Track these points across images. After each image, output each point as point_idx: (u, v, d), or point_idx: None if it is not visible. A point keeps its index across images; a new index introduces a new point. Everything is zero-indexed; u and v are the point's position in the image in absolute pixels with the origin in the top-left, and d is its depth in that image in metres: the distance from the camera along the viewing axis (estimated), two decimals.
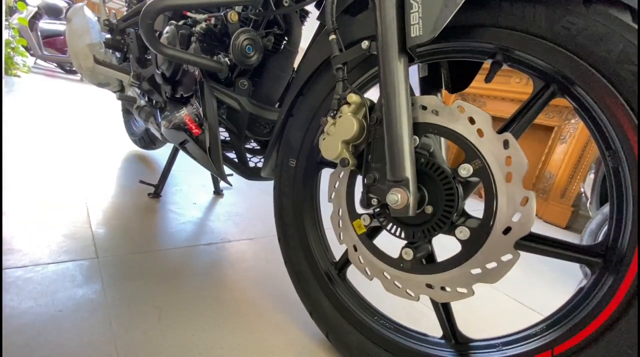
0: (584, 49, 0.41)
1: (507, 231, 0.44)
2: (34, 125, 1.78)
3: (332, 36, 0.58)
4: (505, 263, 0.44)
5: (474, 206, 0.81)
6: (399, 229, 0.54)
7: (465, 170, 0.47)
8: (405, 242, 0.55)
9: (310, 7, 0.81)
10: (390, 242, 0.63)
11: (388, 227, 0.55)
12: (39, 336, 0.54)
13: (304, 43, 0.75)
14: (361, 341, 0.61)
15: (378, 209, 0.55)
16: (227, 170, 0.87)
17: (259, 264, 0.94)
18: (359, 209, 0.59)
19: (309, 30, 0.78)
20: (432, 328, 0.62)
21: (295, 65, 0.80)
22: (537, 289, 1.22)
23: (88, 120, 2.28)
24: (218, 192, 1.41)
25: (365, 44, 0.54)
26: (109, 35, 1.32)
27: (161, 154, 1.80)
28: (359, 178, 0.58)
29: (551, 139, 2.92)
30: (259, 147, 1.02)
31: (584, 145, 2.76)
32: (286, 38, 0.83)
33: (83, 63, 1.23)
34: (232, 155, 0.92)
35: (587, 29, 0.41)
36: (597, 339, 0.41)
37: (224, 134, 0.90)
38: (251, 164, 0.95)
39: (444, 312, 0.56)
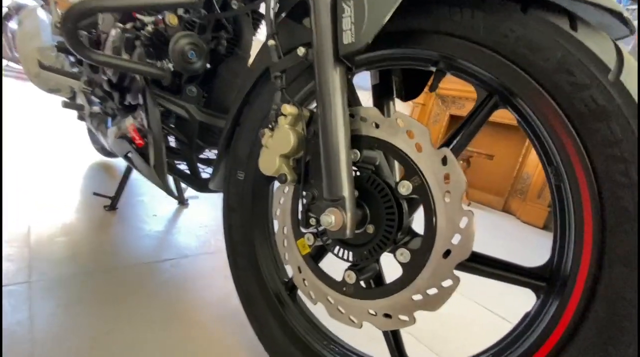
0: (523, 57, 0.38)
1: (447, 254, 0.41)
2: None
3: (271, 41, 0.54)
4: (446, 289, 0.41)
5: None
6: (341, 249, 0.50)
7: (405, 187, 0.44)
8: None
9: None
10: (340, 263, 0.59)
11: (331, 248, 0.51)
12: None
13: None
14: None
15: (321, 232, 0.51)
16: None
17: (215, 281, 0.89)
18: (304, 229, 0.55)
19: None
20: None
21: None
22: (507, 295, 1.20)
23: (55, 126, 2.17)
24: (183, 202, 1.35)
25: (301, 50, 0.50)
26: (61, 39, 1.24)
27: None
28: None
29: (528, 140, 2.96)
30: (214, 157, 0.96)
31: None
32: (237, 42, 0.79)
33: (31, 68, 1.15)
34: (184, 166, 0.86)
35: (525, 37, 0.38)
36: None
37: (174, 145, 0.84)
38: (205, 175, 0.90)
39: (393, 339, 0.52)
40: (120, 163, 1.71)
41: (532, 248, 1.96)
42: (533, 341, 0.39)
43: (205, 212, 1.34)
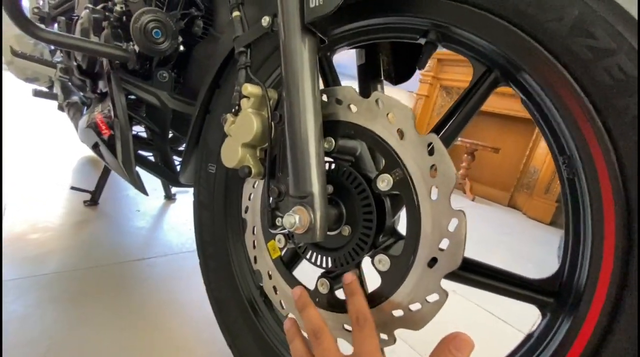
0: (530, 19, 0.31)
1: (433, 262, 0.33)
2: None
3: (236, 12, 0.47)
4: (431, 305, 0.34)
5: None
6: (314, 254, 0.43)
7: (385, 182, 0.36)
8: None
9: None
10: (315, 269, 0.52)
11: (303, 252, 0.44)
12: None
13: None
14: None
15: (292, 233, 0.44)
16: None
17: (193, 282, 0.83)
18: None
19: None
20: None
21: None
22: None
23: (49, 118, 2.12)
24: (170, 197, 1.29)
25: (265, 19, 0.43)
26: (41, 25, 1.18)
27: None
28: None
29: (535, 133, 2.84)
30: None
31: None
32: (211, 21, 0.71)
33: (5, 55, 1.09)
34: (157, 158, 0.80)
35: None
36: None
37: (143, 135, 0.78)
38: None
39: None
40: None
41: (539, 245, 1.87)
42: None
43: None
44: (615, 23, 0.27)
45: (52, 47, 1.24)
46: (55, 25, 1.15)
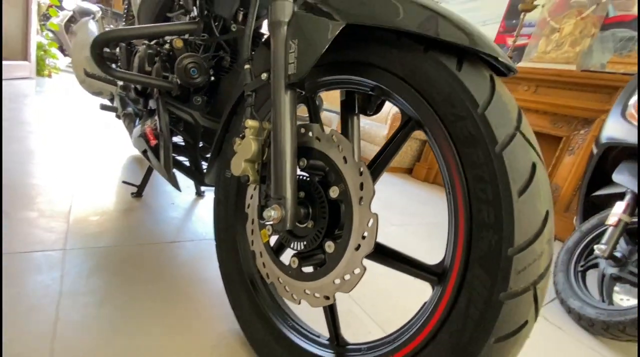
0: (424, 90, 0.47)
1: (358, 247, 0.50)
2: (48, 123, 1.97)
3: (247, 65, 0.65)
4: (356, 275, 0.50)
5: None
6: (289, 239, 0.61)
7: (334, 192, 0.54)
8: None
9: (265, 29, 0.89)
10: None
11: (282, 238, 0.62)
12: None
13: None
14: (265, 336, 0.69)
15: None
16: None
17: (212, 263, 1.03)
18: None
19: None
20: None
21: None
22: None
23: (102, 120, 2.47)
24: (199, 194, 1.52)
25: (264, 75, 0.61)
26: (107, 49, 1.46)
27: None
28: None
29: (559, 149, 2.82)
30: None
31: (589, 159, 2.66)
32: (236, 59, 0.92)
33: (79, 74, 1.38)
34: (191, 163, 1.01)
35: (425, 73, 0.46)
36: (422, 349, 0.46)
37: (181, 144, 0.99)
38: None
39: (331, 318, 0.62)
40: None
41: None
42: (421, 324, 0.47)
43: None
44: (465, 100, 0.42)
45: (115, 66, 1.51)
46: (117, 49, 1.42)
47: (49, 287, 0.77)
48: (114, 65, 0.88)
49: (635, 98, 1.30)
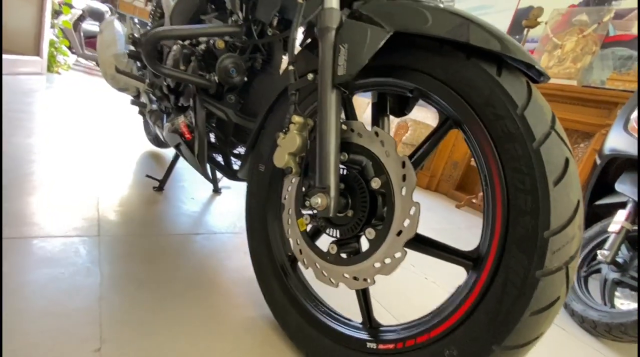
0: (465, 92, 0.52)
1: (399, 233, 0.55)
2: (64, 119, 2.01)
3: (291, 67, 0.71)
4: (397, 259, 0.55)
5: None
6: (328, 227, 0.66)
7: (376, 183, 0.59)
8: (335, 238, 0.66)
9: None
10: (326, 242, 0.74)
11: (322, 227, 0.67)
12: (42, 290, 0.69)
13: None
14: (299, 320, 0.73)
15: (316, 211, 0.67)
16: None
17: (236, 254, 1.07)
18: (303, 210, 0.71)
19: None
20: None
21: None
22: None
23: (114, 117, 2.52)
24: (217, 191, 1.56)
25: (310, 76, 0.67)
26: (132, 47, 1.51)
27: (173, 153, 1.99)
28: None
29: None
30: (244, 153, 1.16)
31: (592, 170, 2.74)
32: (269, 62, 0.97)
33: (107, 70, 1.42)
34: (220, 158, 1.06)
35: (467, 77, 0.52)
36: (457, 327, 0.51)
37: (213, 139, 1.04)
38: (236, 167, 1.09)
39: (364, 302, 0.67)
40: (167, 152, 1.98)
41: None
42: (456, 305, 0.52)
43: (235, 200, 1.54)
44: (505, 101, 0.48)
45: (139, 65, 1.57)
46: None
47: (89, 269, 0.80)
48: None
49: (637, 112, 1.37)
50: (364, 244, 0.64)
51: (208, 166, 1.02)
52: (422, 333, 0.55)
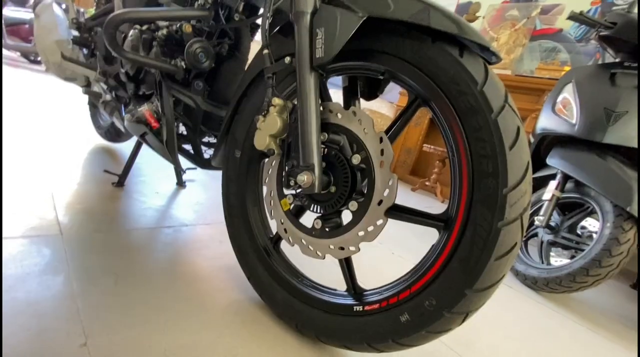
0: (432, 73, 0.58)
1: (380, 202, 0.60)
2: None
3: (265, 51, 0.72)
4: (379, 226, 0.61)
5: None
6: (312, 204, 0.70)
7: (356, 159, 0.63)
8: (318, 215, 0.70)
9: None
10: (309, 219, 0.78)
11: (306, 204, 0.70)
12: (10, 292, 0.65)
13: None
14: (286, 297, 0.76)
15: (299, 190, 0.70)
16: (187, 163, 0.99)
17: (212, 244, 1.07)
18: (286, 191, 0.74)
19: None
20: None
21: None
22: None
23: (53, 112, 2.28)
24: (180, 184, 1.51)
25: (287, 59, 0.69)
26: (76, 33, 1.40)
27: (126, 147, 1.87)
28: None
29: None
30: (214, 141, 1.14)
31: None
32: (237, 47, 0.97)
33: (50, 58, 1.30)
34: (188, 147, 1.04)
35: (434, 59, 0.58)
36: (434, 280, 0.58)
37: (181, 128, 1.02)
38: (206, 156, 1.08)
39: (348, 271, 0.72)
40: (120, 147, 1.86)
41: None
42: (430, 262, 0.59)
43: (202, 192, 1.51)
44: (467, 79, 0.55)
45: (86, 52, 1.45)
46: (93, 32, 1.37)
47: (56, 267, 0.76)
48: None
49: (562, 96, 1.58)
50: (345, 217, 0.69)
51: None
52: (403, 290, 0.61)
